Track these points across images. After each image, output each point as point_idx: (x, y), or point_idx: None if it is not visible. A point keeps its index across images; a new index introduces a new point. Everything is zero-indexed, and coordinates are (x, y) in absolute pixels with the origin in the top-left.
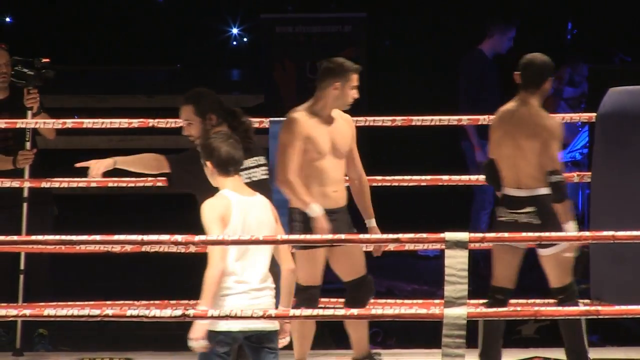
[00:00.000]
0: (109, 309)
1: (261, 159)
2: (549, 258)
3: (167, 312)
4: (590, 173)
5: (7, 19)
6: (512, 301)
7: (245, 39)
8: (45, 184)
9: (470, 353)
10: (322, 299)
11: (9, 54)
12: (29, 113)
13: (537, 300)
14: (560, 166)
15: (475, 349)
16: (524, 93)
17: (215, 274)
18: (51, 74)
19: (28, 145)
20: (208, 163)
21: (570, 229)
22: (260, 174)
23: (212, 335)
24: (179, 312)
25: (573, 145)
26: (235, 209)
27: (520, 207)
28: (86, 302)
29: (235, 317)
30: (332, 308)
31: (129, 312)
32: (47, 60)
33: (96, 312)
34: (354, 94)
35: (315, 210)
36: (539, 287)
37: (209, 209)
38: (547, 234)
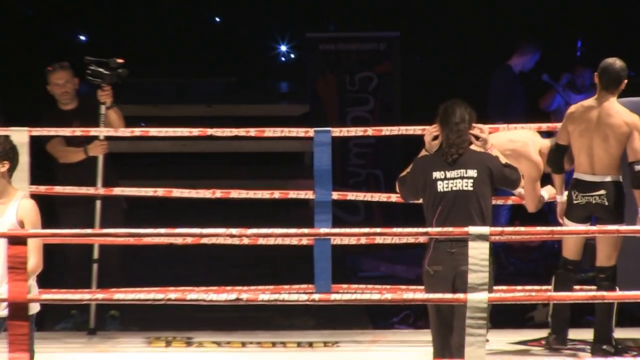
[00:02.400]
0: (172, 294)
1: (469, 172)
2: (603, 237)
3: (223, 297)
4: None
5: (82, 38)
6: (527, 287)
7: (292, 55)
8: (117, 190)
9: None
10: (360, 285)
11: (72, 72)
12: (102, 107)
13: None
14: None
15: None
16: (605, 92)
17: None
18: (125, 72)
19: (102, 135)
20: (4, 163)
21: None
22: (461, 185)
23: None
24: (233, 296)
25: None
26: None
27: (593, 190)
28: (152, 288)
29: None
30: (369, 293)
31: (189, 297)
32: (122, 60)
33: (160, 296)
34: None
35: None
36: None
37: (36, 209)
38: (559, 228)
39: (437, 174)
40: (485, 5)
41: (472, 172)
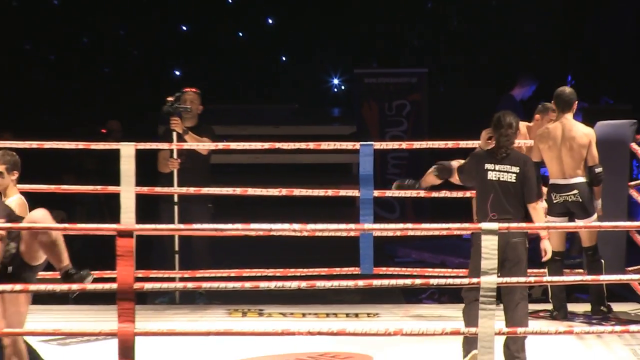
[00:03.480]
0: (247, 283)
1: (513, 168)
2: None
3: (287, 284)
4: None
5: (177, 72)
6: (528, 271)
7: (342, 87)
8: (205, 190)
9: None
10: (396, 268)
11: (198, 97)
12: (174, 133)
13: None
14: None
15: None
16: (562, 114)
17: None
18: (183, 108)
19: (175, 155)
20: (15, 173)
21: (599, 204)
22: (507, 177)
23: None
24: (295, 285)
25: None
26: None
27: (568, 191)
28: (232, 270)
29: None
30: (404, 277)
31: (261, 285)
32: (171, 98)
33: (238, 285)
34: None
35: None
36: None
37: (22, 205)
38: (553, 224)
39: (488, 166)
40: (493, 47)
41: (515, 169)
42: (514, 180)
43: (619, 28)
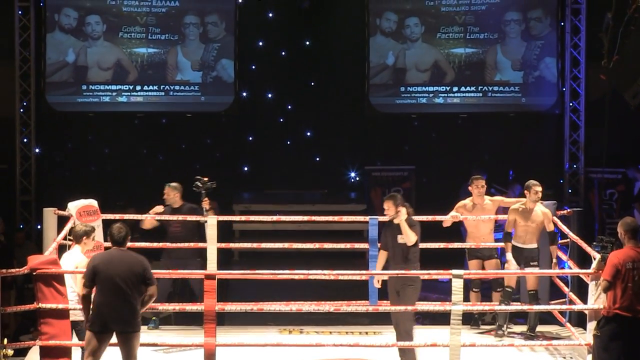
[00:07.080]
0: (293, 306)
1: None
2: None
3: (321, 308)
4: None
5: (245, 168)
6: (485, 303)
7: (357, 178)
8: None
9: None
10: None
11: (179, 189)
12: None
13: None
14: None
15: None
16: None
17: None
18: (211, 185)
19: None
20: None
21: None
22: None
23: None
24: (326, 308)
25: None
26: None
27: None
28: (282, 302)
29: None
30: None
31: (303, 309)
32: (207, 178)
33: (286, 308)
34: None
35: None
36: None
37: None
38: (498, 270)
39: None
40: (461, 152)
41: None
42: None
43: (544, 144)
